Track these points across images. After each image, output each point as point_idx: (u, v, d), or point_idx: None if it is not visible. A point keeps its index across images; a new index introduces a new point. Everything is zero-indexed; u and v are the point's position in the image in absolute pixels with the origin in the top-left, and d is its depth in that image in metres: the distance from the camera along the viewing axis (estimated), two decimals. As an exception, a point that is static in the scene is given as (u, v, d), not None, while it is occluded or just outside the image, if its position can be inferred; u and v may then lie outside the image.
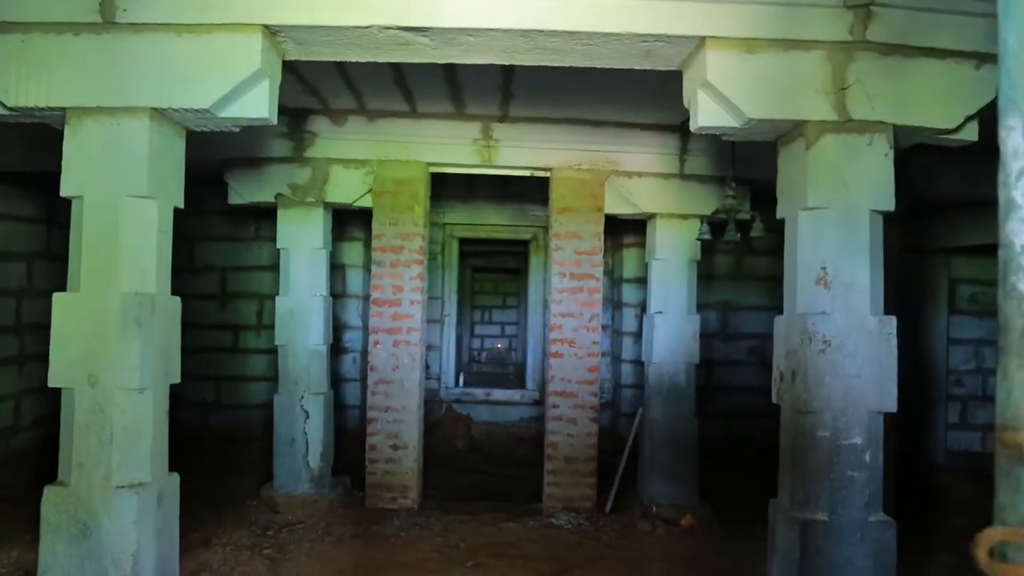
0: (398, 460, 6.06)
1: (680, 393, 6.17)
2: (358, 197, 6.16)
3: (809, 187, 3.23)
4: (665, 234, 6.21)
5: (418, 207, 6.08)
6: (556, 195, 6.12)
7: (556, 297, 6.11)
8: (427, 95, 5.54)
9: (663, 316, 6.18)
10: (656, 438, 6.17)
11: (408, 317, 6.06)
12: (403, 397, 6.05)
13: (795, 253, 3.33)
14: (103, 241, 3.13)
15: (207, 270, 9.22)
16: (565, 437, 6.09)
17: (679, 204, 6.19)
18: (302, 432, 6.09)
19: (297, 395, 6.10)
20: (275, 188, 6.12)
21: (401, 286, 6.07)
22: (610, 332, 9.36)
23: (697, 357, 6.22)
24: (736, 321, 9.36)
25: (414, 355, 6.06)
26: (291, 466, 6.09)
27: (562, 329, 6.11)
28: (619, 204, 6.24)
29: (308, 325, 6.11)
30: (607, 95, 5.40)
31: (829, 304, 3.19)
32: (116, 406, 3.09)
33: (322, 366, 6.19)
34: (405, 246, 6.07)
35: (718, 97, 3.25)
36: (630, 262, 9.23)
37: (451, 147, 6.12)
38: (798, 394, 3.23)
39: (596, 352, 6.11)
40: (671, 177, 6.20)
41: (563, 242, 6.10)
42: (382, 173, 6.08)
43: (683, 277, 6.21)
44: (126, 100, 3.12)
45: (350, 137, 6.09)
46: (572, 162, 6.12)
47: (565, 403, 6.09)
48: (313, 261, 6.15)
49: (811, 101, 3.21)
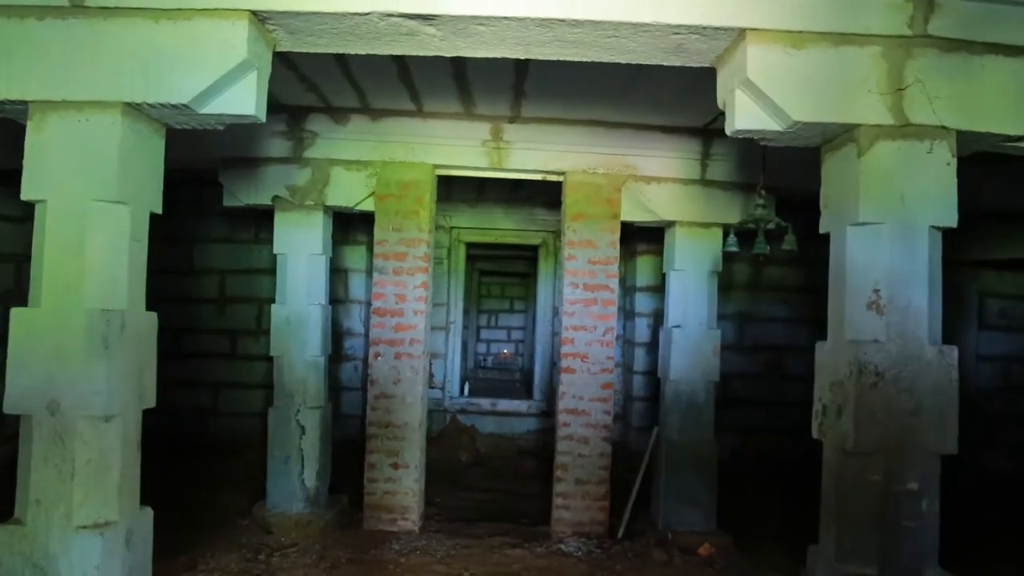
0: (398, 479, 5.71)
1: (699, 412, 5.80)
2: (360, 200, 5.81)
3: (861, 200, 2.86)
4: (685, 244, 5.84)
5: (423, 211, 5.73)
6: (569, 201, 5.77)
7: (569, 309, 5.75)
8: (434, 93, 5.20)
9: (681, 331, 5.81)
10: (673, 459, 5.80)
11: (411, 328, 5.71)
12: (405, 413, 5.71)
13: (843, 273, 2.97)
14: (67, 251, 2.79)
15: (205, 273, 8.92)
16: (576, 458, 5.73)
17: (700, 212, 5.82)
18: (297, 448, 5.75)
19: (292, 409, 5.76)
20: (272, 190, 5.78)
21: (404, 295, 5.72)
22: (621, 342, 9.00)
23: (717, 375, 5.85)
24: (753, 333, 9.00)
25: (417, 368, 5.71)
26: (285, 484, 5.75)
27: (574, 343, 5.75)
28: (636, 211, 5.88)
29: (305, 335, 5.77)
30: (625, 94, 5.05)
31: (882, 331, 2.84)
32: (79, 436, 2.75)
33: (319, 379, 5.85)
34: (409, 253, 5.72)
35: (759, 97, 2.89)
36: (643, 270, 8.88)
37: (459, 149, 5.77)
38: (844, 432, 2.87)
39: (610, 368, 5.75)
40: (692, 183, 5.84)
41: (576, 251, 5.75)
42: (386, 175, 5.74)
43: (703, 290, 5.84)
44: (95, 93, 2.79)
45: (352, 137, 5.75)
46: (587, 166, 5.77)
47: (576, 421, 5.73)
48: (312, 267, 5.81)
49: (864, 103, 2.86)
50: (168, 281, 8.80)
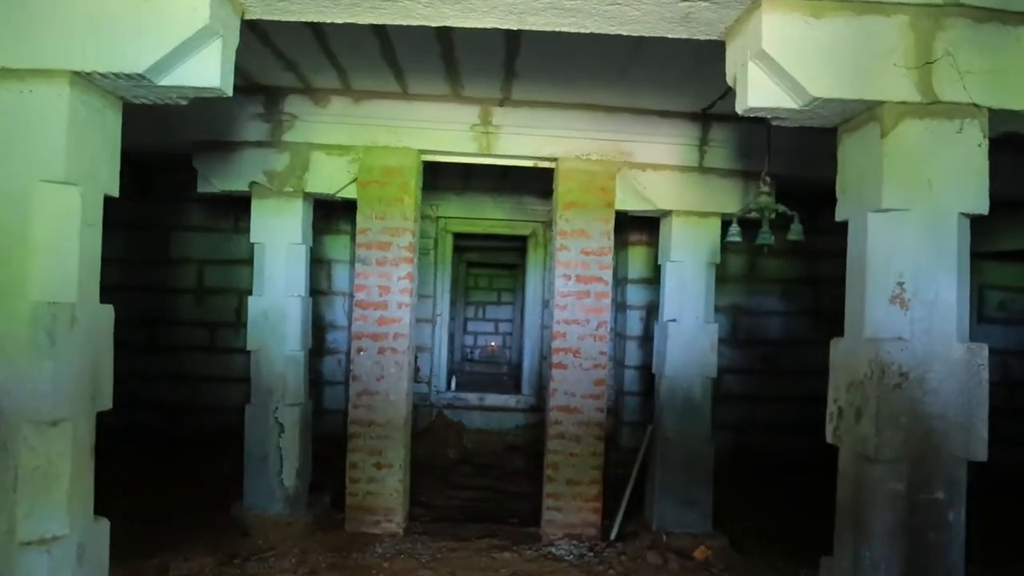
0: (382, 480, 5.45)
1: (695, 409, 5.57)
2: (342, 187, 5.53)
3: (885, 184, 2.62)
4: (682, 234, 5.59)
5: (408, 199, 5.45)
6: (562, 188, 5.51)
7: (560, 301, 5.50)
8: (420, 72, 4.92)
9: (677, 325, 5.57)
10: (668, 458, 5.58)
11: (395, 321, 5.44)
12: (388, 410, 5.44)
13: (863, 264, 2.73)
14: (9, 237, 2.50)
15: (183, 262, 8.61)
16: (567, 457, 5.49)
17: (698, 200, 5.58)
18: (275, 447, 5.47)
19: (271, 406, 5.48)
20: (249, 176, 5.49)
21: (388, 287, 5.45)
22: (613, 336, 8.75)
23: (715, 370, 5.62)
24: (747, 326, 8.79)
25: (401, 363, 5.45)
26: (263, 484, 5.48)
27: (566, 337, 5.50)
28: (631, 199, 5.63)
29: (284, 329, 5.49)
30: (621, 76, 4.80)
31: (907, 327, 2.60)
32: (23, 442, 2.47)
33: (299, 374, 5.57)
34: (393, 242, 5.45)
35: (774, 71, 2.64)
36: (636, 261, 8.64)
37: (446, 133, 5.50)
38: (864, 437, 2.64)
39: (604, 364, 5.51)
40: (690, 170, 5.59)
41: (569, 241, 5.49)
42: (369, 161, 5.46)
43: (700, 282, 5.60)
44: (39, 61, 2.50)
45: (333, 120, 5.47)
46: (580, 152, 5.51)
47: (568, 419, 5.49)
48: (291, 257, 5.53)
49: (889, 78, 2.61)
50: (143, 271, 8.51)
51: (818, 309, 8.63)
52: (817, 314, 8.63)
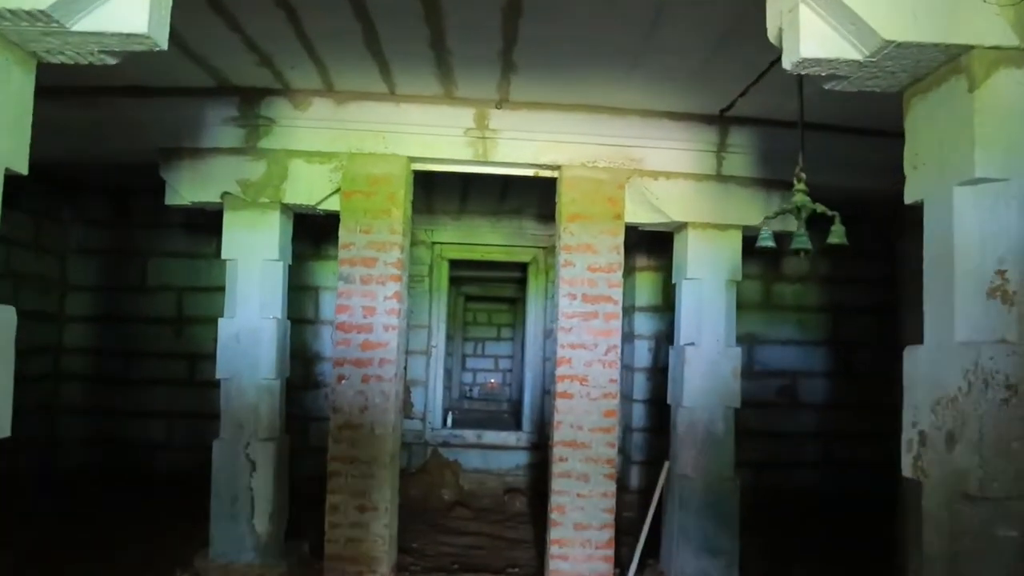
0: (366, 525, 4.83)
1: (717, 444, 4.98)
2: (323, 198, 5.02)
3: (977, 148, 2.09)
4: (698, 248, 5.07)
5: (396, 210, 4.94)
6: (566, 199, 4.99)
7: (565, 324, 4.94)
8: (408, 67, 4.44)
9: (696, 349, 5.01)
10: (687, 500, 4.97)
11: (381, 346, 4.88)
12: (373, 445, 4.85)
13: (949, 250, 2.18)
14: None
15: (161, 290, 8.05)
16: (574, 499, 4.88)
17: (716, 212, 5.07)
18: (246, 488, 4.87)
19: (241, 442, 4.89)
20: (221, 185, 4.98)
21: (373, 307, 4.90)
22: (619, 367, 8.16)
23: (738, 399, 5.04)
24: (763, 357, 8.19)
25: (387, 393, 4.87)
26: (232, 530, 4.86)
27: (571, 364, 4.93)
28: (642, 211, 5.11)
29: (258, 354, 4.93)
30: (630, 72, 4.34)
31: (1012, 326, 2.05)
32: None
33: (274, 405, 4.99)
34: (379, 258, 4.91)
35: (834, 10, 2.12)
36: (644, 288, 8.07)
37: (438, 138, 5.00)
38: (963, 469, 2.06)
39: (614, 393, 4.93)
40: (707, 179, 5.09)
41: (574, 256, 4.95)
42: (353, 169, 4.95)
43: (720, 301, 5.06)
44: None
45: (314, 124, 4.98)
46: (586, 158, 5.01)
47: (575, 455, 4.89)
48: (266, 275, 4.99)
49: (979, 17, 2.10)
50: (118, 299, 7.98)
51: (837, 339, 8.07)
52: (836, 344, 8.07)
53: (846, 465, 7.81)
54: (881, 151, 5.06)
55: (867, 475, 7.66)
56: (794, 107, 4.67)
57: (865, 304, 8.01)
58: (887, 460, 7.78)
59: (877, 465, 7.81)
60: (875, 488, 7.74)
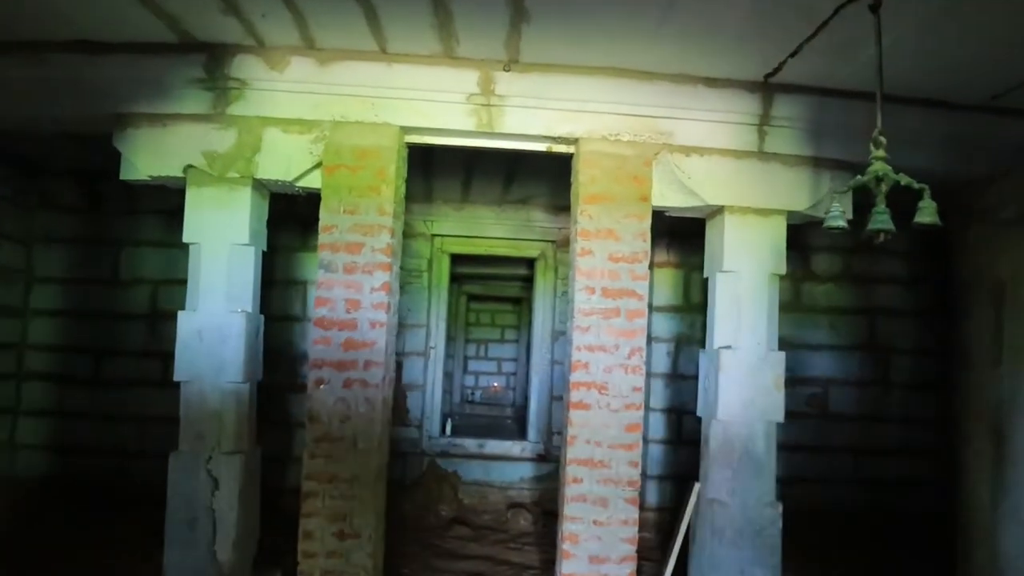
0: (346, 554, 4.13)
1: (757, 464, 4.29)
2: (302, 173, 4.34)
3: None
4: (737, 237, 4.37)
5: (386, 188, 4.25)
6: (584, 178, 4.30)
7: (581, 322, 4.24)
8: (401, 18, 3.76)
9: (733, 354, 4.32)
10: (720, 529, 4.26)
11: (366, 346, 4.19)
12: (355, 462, 4.15)
13: None
14: None
15: (135, 284, 7.35)
16: (590, 526, 4.17)
17: (758, 194, 4.37)
18: (207, 509, 4.18)
19: (202, 455, 4.22)
20: (185, 158, 4.30)
21: (358, 300, 4.21)
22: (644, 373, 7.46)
23: (781, 413, 4.35)
24: (792, 363, 7.43)
25: (374, 400, 4.18)
26: (190, 558, 4.17)
27: (588, 369, 4.23)
28: (671, 193, 4.42)
29: (223, 354, 4.26)
30: (660, 27, 3.66)
31: None
32: None
33: (242, 413, 4.31)
34: (366, 243, 4.23)
35: None
36: (662, 285, 7.37)
37: (436, 105, 4.31)
38: None
39: (638, 404, 4.23)
40: (747, 156, 4.39)
41: (593, 244, 4.26)
42: (337, 140, 4.27)
43: (763, 298, 4.37)
44: None
45: (293, 88, 4.29)
46: (607, 131, 4.32)
47: (591, 476, 4.19)
48: (234, 262, 4.32)
49: None
50: (88, 292, 7.28)
51: (874, 343, 7.36)
52: (872, 349, 7.36)
53: (880, 482, 7.13)
54: (956, 124, 4.43)
55: (904, 493, 7.01)
56: (848, 73, 4.01)
57: (905, 306, 7.31)
58: (927, 478, 7.12)
59: (913, 483, 7.13)
60: (914, 508, 7.06)
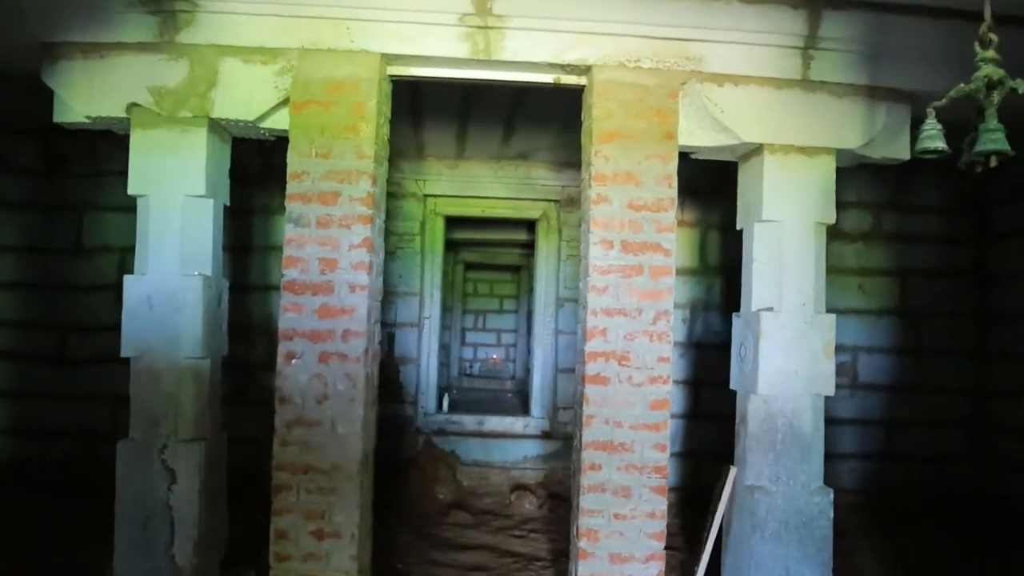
0: (325, 556, 3.54)
1: (804, 445, 3.68)
2: (266, 111, 3.68)
3: None
4: (779, 180, 3.73)
5: (366, 127, 3.59)
6: (599, 112, 3.64)
7: (597, 281, 3.61)
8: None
9: (775, 317, 3.70)
10: (761, 521, 3.67)
11: (345, 313, 3.56)
12: (335, 449, 3.54)
13: None
14: None
15: (100, 252, 6.71)
16: (610, 521, 3.58)
17: (802, 130, 3.72)
18: (163, 505, 3.59)
19: (156, 443, 3.61)
20: (128, 95, 3.64)
21: (334, 260, 3.57)
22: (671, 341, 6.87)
23: (832, 385, 3.73)
24: (818, 329, 6.90)
25: (355, 377, 3.56)
26: (143, 563, 3.58)
27: (606, 336, 3.61)
28: (700, 130, 3.77)
29: (178, 324, 3.63)
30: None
31: None
32: None
33: (202, 393, 3.70)
34: (343, 193, 3.58)
35: None
36: (678, 246, 6.74)
37: (423, 28, 3.63)
38: None
39: (665, 376, 3.61)
40: (789, 85, 3.73)
41: (609, 190, 3.62)
42: (307, 71, 3.60)
43: (809, 251, 3.74)
44: None
45: (254, 10, 3.61)
46: (626, 56, 3.65)
47: (611, 462, 3.58)
48: (189, 217, 3.67)
49: None
50: (50, 262, 6.64)
51: (905, 308, 6.76)
52: (904, 314, 6.76)
53: (916, 457, 6.59)
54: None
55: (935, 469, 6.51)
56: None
57: (938, 266, 6.71)
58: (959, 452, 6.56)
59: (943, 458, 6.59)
60: (950, 484, 6.54)
